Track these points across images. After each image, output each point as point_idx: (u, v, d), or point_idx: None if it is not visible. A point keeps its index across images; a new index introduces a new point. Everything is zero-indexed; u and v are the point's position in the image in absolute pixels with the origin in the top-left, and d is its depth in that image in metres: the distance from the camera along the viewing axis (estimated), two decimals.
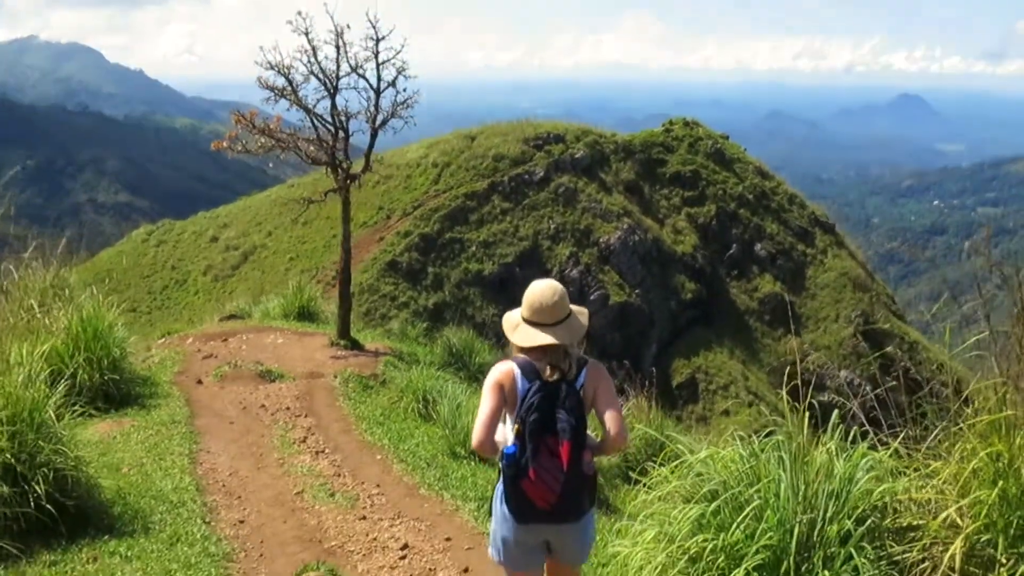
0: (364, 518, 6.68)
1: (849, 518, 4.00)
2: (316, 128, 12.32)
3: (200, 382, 10.74)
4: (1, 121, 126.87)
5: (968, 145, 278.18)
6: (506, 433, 3.59)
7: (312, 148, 12.27)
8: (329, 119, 12.28)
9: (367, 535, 6.34)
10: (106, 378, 9.20)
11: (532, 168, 35.84)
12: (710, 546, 3.98)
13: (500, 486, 3.65)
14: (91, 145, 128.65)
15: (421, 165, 36.13)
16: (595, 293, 33.31)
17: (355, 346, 12.94)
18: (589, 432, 3.65)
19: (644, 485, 4.65)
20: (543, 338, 3.59)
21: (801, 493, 4.10)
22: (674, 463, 4.62)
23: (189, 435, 8.56)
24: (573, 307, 3.75)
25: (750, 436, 4.53)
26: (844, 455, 4.30)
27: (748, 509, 4.00)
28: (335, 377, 10.96)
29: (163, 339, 13.91)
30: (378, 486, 7.45)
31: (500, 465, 3.57)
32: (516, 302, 3.95)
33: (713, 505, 4.10)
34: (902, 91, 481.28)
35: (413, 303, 31.51)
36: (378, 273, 32.12)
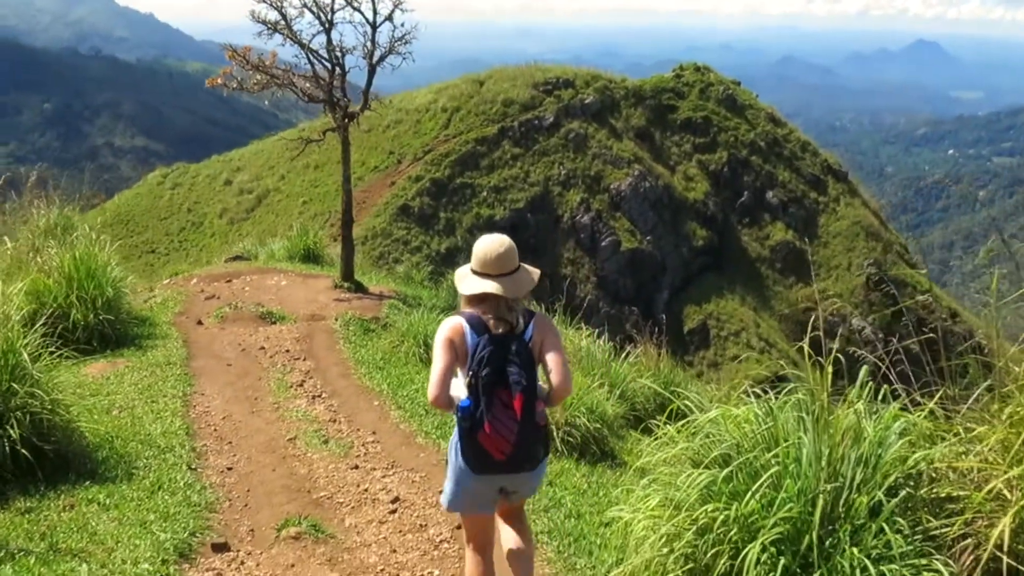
0: (357, 467, 6.27)
1: (879, 488, 3.52)
2: (312, 64, 11.68)
3: (200, 323, 10.33)
4: (16, 65, 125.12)
5: (985, 93, 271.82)
6: (459, 387, 3.57)
7: (308, 85, 11.65)
8: (325, 55, 11.62)
9: (358, 486, 5.92)
10: (100, 318, 8.79)
11: (542, 113, 34.98)
12: (721, 517, 3.50)
13: (455, 438, 3.60)
14: (106, 89, 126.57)
15: (430, 110, 35.33)
16: (606, 239, 32.73)
17: (359, 289, 12.48)
18: (539, 383, 3.63)
19: (648, 445, 4.18)
20: (488, 286, 3.55)
21: (825, 459, 3.62)
22: (681, 422, 4.14)
23: (184, 377, 8.16)
24: (526, 266, 3.74)
25: (766, 392, 4.04)
26: (873, 416, 3.82)
27: (764, 476, 3.52)
28: (336, 320, 10.52)
29: (168, 279, 13.52)
30: (374, 433, 7.03)
31: (455, 418, 3.55)
32: (527, 247, 3.53)
33: (725, 471, 3.62)
34: (918, 36, 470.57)
35: (425, 247, 31.10)
36: (390, 217, 31.64)
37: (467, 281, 3.65)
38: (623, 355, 9.32)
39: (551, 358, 3.56)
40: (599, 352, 9.15)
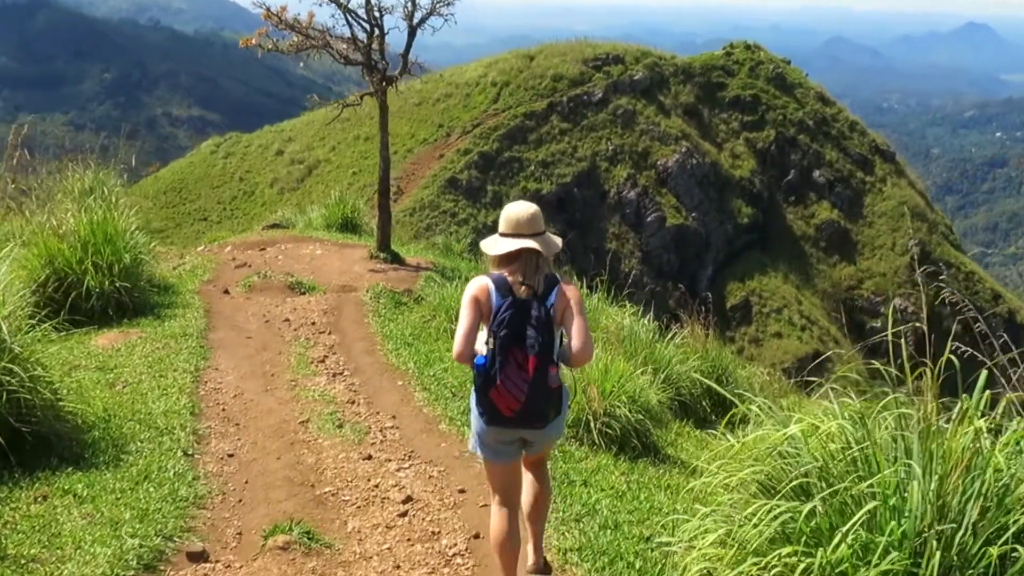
0: (370, 457, 5.44)
1: (1007, 530, 2.57)
2: (350, 25, 10.78)
3: (227, 292, 9.60)
4: (78, 35, 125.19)
5: None
6: (481, 344, 3.51)
7: (345, 47, 10.77)
8: (363, 15, 10.71)
9: (368, 480, 5.09)
10: (117, 285, 8.06)
11: (591, 89, 33.88)
12: (802, 565, 2.57)
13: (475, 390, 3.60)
14: (164, 60, 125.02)
15: (480, 84, 34.42)
16: (651, 215, 31.69)
17: (395, 259, 11.65)
18: (562, 347, 3.59)
19: (705, 461, 3.24)
20: (524, 242, 3.51)
21: (933, 491, 2.67)
22: (747, 435, 3.20)
23: (199, 350, 7.41)
24: (549, 232, 3.69)
25: (854, 403, 3.07)
26: (992, 435, 2.85)
27: (859, 514, 2.58)
28: (367, 292, 9.70)
29: (203, 247, 12.85)
30: (393, 418, 6.20)
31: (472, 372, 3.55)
32: (573, 222, 2.67)
33: (808, 506, 2.67)
34: (968, 19, 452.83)
35: (473, 220, 30.46)
36: (438, 190, 31.01)
37: (501, 242, 3.58)
38: (668, 335, 8.37)
39: (573, 324, 3.50)
40: (643, 331, 8.20)
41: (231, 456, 5.40)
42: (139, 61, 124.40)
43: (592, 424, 5.77)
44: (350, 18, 10.78)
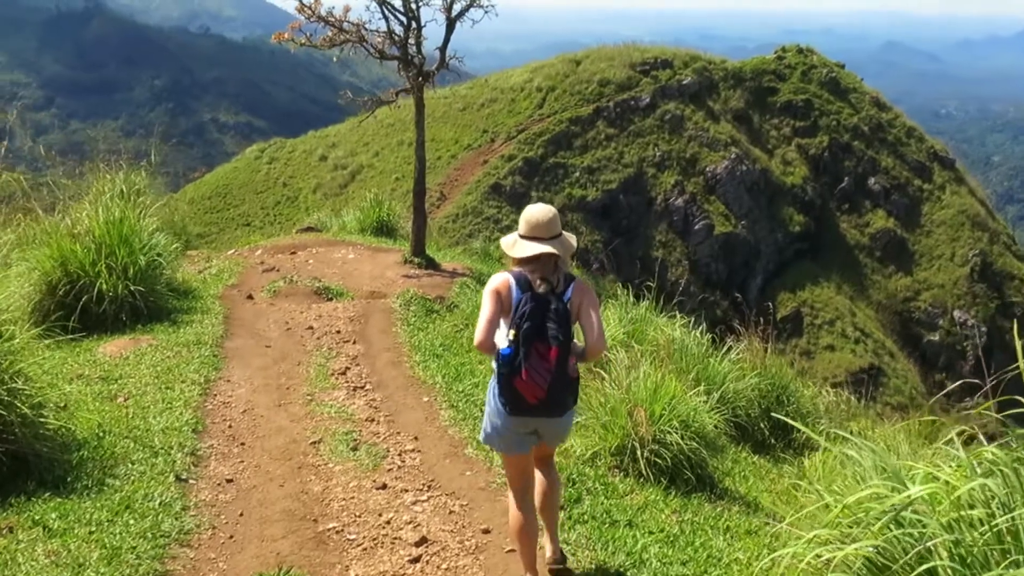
0: (384, 487, 4.79)
1: None
2: (386, 18, 10.21)
3: (251, 297, 9.08)
4: (130, 42, 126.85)
5: None
6: (501, 338, 3.62)
7: (380, 41, 10.20)
8: (400, 7, 10.14)
9: (380, 515, 4.43)
10: (131, 289, 7.56)
11: (638, 94, 33.01)
12: None
13: (493, 383, 3.70)
14: (213, 66, 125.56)
15: (525, 89, 33.80)
16: (699, 223, 30.72)
17: (430, 265, 11.04)
18: (574, 340, 3.68)
19: (791, 521, 2.51)
20: (541, 248, 3.64)
21: None
22: (852, 497, 2.46)
23: (212, 359, 6.86)
24: (565, 232, 3.81)
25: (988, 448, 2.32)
26: None
27: None
28: (397, 299, 9.09)
29: (233, 250, 12.41)
30: (415, 439, 5.55)
31: (494, 365, 3.63)
32: (619, 229, 2.03)
33: None
34: None
35: (516, 227, 29.74)
36: (482, 196, 30.45)
37: (520, 245, 3.70)
38: (723, 349, 7.58)
39: (588, 318, 3.66)
40: (694, 345, 7.45)
41: (229, 482, 4.80)
42: (188, 68, 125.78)
43: (639, 452, 5.05)
44: (386, 11, 10.22)
